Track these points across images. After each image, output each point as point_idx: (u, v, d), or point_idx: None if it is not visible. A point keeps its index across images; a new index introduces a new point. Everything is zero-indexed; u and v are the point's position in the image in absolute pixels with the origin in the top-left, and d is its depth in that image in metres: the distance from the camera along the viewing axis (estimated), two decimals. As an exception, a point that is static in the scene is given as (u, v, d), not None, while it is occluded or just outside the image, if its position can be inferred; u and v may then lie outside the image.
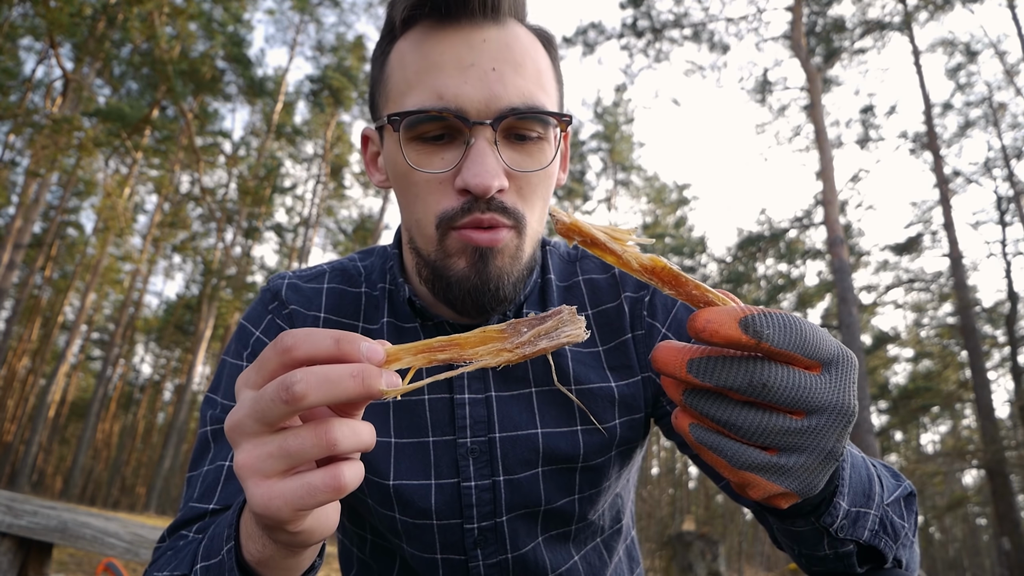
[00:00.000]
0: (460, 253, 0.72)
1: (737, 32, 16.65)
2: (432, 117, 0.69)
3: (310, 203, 28.21)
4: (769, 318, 0.41)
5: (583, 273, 0.92)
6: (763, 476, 0.44)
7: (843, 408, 0.44)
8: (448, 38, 0.70)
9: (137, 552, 2.46)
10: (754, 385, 0.41)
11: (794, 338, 0.41)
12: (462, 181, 0.69)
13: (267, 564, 0.53)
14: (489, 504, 0.82)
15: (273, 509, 0.43)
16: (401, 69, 0.73)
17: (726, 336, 0.41)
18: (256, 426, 0.43)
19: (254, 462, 0.43)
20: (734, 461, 0.43)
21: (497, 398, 0.83)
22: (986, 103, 18.01)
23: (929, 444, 39.70)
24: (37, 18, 13.64)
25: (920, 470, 16.42)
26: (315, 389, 0.41)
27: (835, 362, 0.44)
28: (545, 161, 0.74)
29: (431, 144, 0.71)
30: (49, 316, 30.49)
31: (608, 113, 28.39)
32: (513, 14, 0.74)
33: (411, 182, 0.73)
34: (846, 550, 0.63)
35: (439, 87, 0.69)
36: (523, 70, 0.71)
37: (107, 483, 35.80)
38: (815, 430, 0.43)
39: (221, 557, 0.56)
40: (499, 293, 0.74)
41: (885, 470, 0.72)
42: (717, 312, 0.42)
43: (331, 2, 26.58)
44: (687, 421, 0.45)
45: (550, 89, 0.76)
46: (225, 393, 0.84)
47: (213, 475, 0.76)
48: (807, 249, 18.94)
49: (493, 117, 0.69)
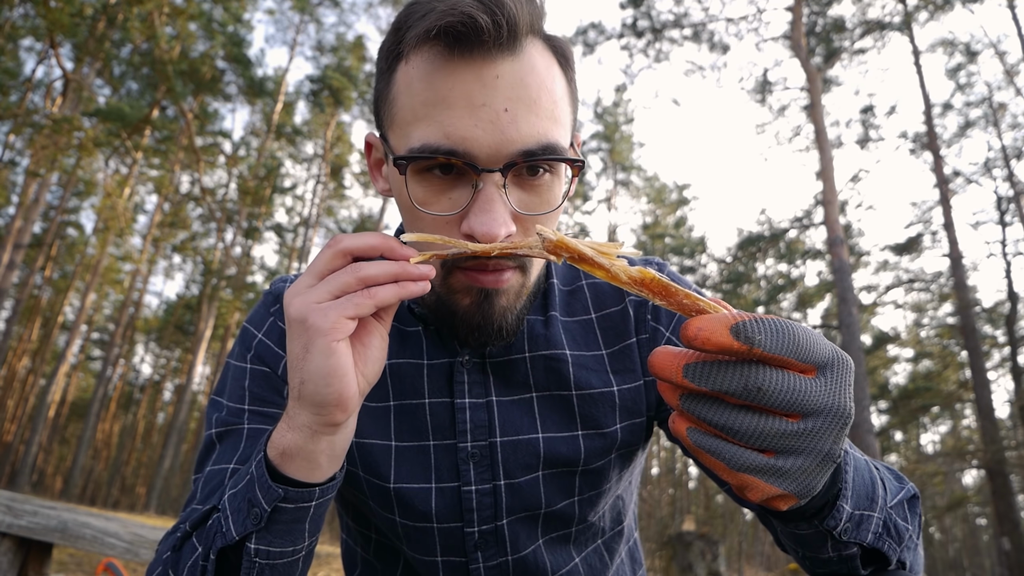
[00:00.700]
0: (465, 292, 0.72)
1: (737, 32, 16.65)
2: (439, 163, 0.66)
3: (310, 203, 28.22)
4: (760, 324, 0.42)
5: (587, 278, 0.92)
6: (761, 478, 0.44)
7: (839, 410, 0.44)
8: (459, 71, 0.65)
9: (137, 552, 2.46)
10: (749, 389, 0.42)
11: (787, 343, 0.42)
12: (468, 227, 0.66)
13: (291, 453, 0.60)
14: (490, 508, 0.82)
15: (321, 314, 0.56)
16: (408, 96, 0.68)
17: (717, 343, 0.41)
18: (309, 279, 0.58)
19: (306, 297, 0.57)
20: (732, 464, 0.44)
21: (498, 403, 0.83)
22: (986, 103, 18.01)
23: (929, 444, 39.71)
24: (37, 18, 13.64)
25: (920, 470, 16.42)
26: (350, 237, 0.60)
27: (830, 365, 0.44)
28: (555, 201, 0.71)
29: (439, 178, 0.68)
30: (49, 316, 30.49)
31: (608, 113, 28.39)
32: (530, 31, 0.68)
33: (416, 217, 0.70)
34: (850, 553, 0.63)
35: (447, 126, 0.65)
36: (538, 107, 0.67)
37: (107, 483, 35.81)
38: (811, 432, 0.43)
39: (250, 474, 0.63)
40: (502, 332, 0.74)
41: (888, 472, 0.72)
42: (708, 320, 0.42)
43: (331, 2, 26.58)
44: (684, 425, 0.46)
45: (565, 119, 0.71)
46: (230, 396, 0.84)
47: (217, 476, 0.77)
48: (807, 249, 18.94)
49: (503, 163, 0.65)
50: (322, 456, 0.61)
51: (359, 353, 0.60)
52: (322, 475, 0.62)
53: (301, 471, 0.61)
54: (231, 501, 0.64)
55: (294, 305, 0.57)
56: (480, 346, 0.78)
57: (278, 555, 0.63)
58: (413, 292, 0.58)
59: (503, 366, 0.83)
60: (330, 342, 0.55)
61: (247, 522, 0.62)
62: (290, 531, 0.63)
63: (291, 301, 0.58)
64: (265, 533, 0.62)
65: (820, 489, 0.50)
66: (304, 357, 0.57)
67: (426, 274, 0.59)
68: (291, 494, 0.60)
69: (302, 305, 0.57)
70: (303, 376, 0.57)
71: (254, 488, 0.62)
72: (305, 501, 0.62)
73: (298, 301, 0.57)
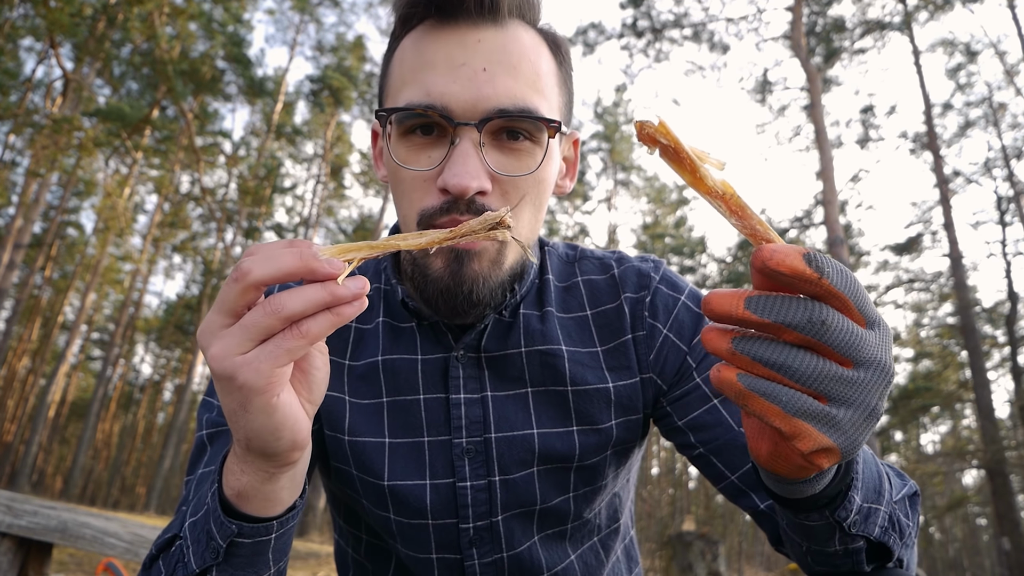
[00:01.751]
0: (438, 253, 0.72)
1: (737, 32, 16.68)
2: (417, 114, 0.70)
3: (310, 203, 28.23)
4: (830, 260, 0.42)
5: (582, 274, 0.91)
6: (815, 426, 0.42)
7: (887, 366, 0.44)
8: (444, 37, 0.71)
9: (137, 552, 2.46)
10: (814, 322, 0.41)
11: (852, 285, 0.42)
12: (443, 181, 0.69)
13: (247, 495, 0.56)
14: (485, 504, 0.82)
15: (252, 372, 0.47)
16: (400, 66, 0.74)
17: (791, 267, 0.40)
18: (220, 318, 0.48)
19: (225, 348, 0.48)
20: (789, 407, 0.42)
21: (493, 398, 0.82)
22: (986, 103, 18.02)
23: (929, 444, 39.72)
24: (37, 18, 13.64)
25: (920, 470, 16.43)
26: (259, 265, 0.47)
27: (879, 323, 0.44)
28: (533, 165, 0.72)
29: (420, 140, 0.72)
30: (49, 316, 30.49)
31: (608, 113, 28.39)
32: (518, 15, 0.73)
33: (399, 179, 0.74)
34: (856, 546, 0.63)
35: (428, 84, 0.69)
36: (517, 72, 0.70)
37: (107, 483, 35.81)
38: (863, 383, 0.43)
39: (206, 506, 0.59)
40: (472, 297, 0.73)
41: (890, 469, 0.72)
42: (782, 246, 0.41)
43: (331, 2, 26.58)
44: (733, 372, 0.43)
45: (549, 93, 0.74)
46: None
47: (208, 479, 0.76)
48: (807, 249, 18.91)
49: (479, 118, 0.69)
50: (281, 492, 0.57)
51: (301, 384, 0.53)
52: (281, 508, 0.59)
53: (259, 509, 0.57)
54: (191, 530, 0.61)
55: (215, 357, 0.48)
56: (453, 315, 0.76)
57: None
58: (350, 315, 0.49)
59: (498, 361, 0.83)
60: (270, 399, 0.49)
61: (206, 555, 0.59)
62: (252, 562, 0.60)
63: (209, 349, 0.48)
64: (226, 566, 0.59)
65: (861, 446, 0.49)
66: (243, 415, 0.50)
67: (359, 291, 0.49)
68: (247, 530, 0.57)
69: (224, 358, 0.47)
70: (247, 433, 0.51)
71: (210, 521, 0.58)
72: (263, 535, 0.58)
73: (218, 351, 0.48)
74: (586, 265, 0.92)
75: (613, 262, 0.92)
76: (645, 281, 0.88)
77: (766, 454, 0.48)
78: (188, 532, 0.62)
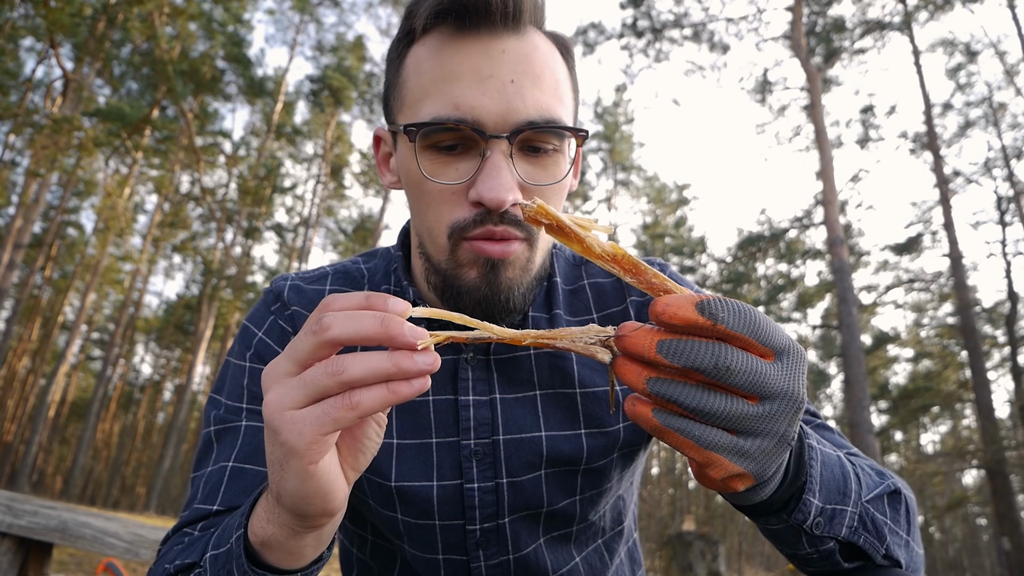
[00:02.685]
0: (471, 264, 0.73)
1: (737, 32, 16.67)
2: (448, 128, 0.69)
3: (310, 203, 28.23)
4: (724, 303, 0.44)
5: (588, 277, 0.92)
6: (725, 456, 0.46)
7: (794, 396, 0.46)
8: (467, 47, 0.69)
9: (137, 552, 2.46)
10: (719, 367, 0.43)
11: (748, 323, 0.44)
12: (476, 194, 0.68)
13: (271, 545, 0.55)
14: (492, 506, 0.82)
15: (296, 433, 0.46)
16: (417, 75, 0.72)
17: (684, 318, 0.43)
18: (287, 364, 0.48)
19: (279, 398, 0.47)
20: (702, 442, 0.45)
21: (501, 400, 0.82)
22: (986, 103, 18.02)
23: (929, 444, 39.72)
24: (37, 18, 13.64)
25: (920, 470, 16.44)
26: (339, 323, 0.46)
27: (786, 352, 0.46)
28: (559, 174, 0.74)
29: (445, 154, 0.71)
30: (49, 316, 30.50)
31: (608, 113, 28.39)
32: (533, 22, 0.73)
33: (424, 191, 0.73)
34: (827, 548, 0.63)
35: (456, 97, 0.68)
36: (542, 82, 0.70)
37: (107, 483, 35.81)
38: (769, 415, 0.45)
39: (230, 545, 0.58)
40: (509, 304, 0.74)
41: (869, 468, 0.71)
42: (675, 297, 0.44)
43: (331, 2, 26.58)
44: (648, 407, 0.46)
45: (567, 100, 0.75)
46: (229, 394, 0.84)
47: (217, 475, 0.77)
48: (807, 249, 18.94)
49: (510, 130, 0.68)
50: (307, 549, 0.56)
51: (348, 450, 0.52)
52: (305, 562, 0.58)
53: (283, 561, 0.57)
54: (212, 564, 0.60)
55: (268, 404, 0.47)
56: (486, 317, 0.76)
57: None
58: (406, 396, 0.46)
59: (507, 363, 0.83)
60: (306, 465, 0.47)
61: None
62: None
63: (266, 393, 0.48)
64: None
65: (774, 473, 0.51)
66: (279, 471, 0.49)
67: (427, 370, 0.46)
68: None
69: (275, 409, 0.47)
70: (280, 490, 0.50)
71: (231, 563, 0.57)
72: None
73: (272, 399, 0.47)
74: (592, 268, 0.93)
75: None
76: None
77: (695, 474, 0.51)
78: (208, 565, 0.60)
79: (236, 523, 0.59)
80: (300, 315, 0.87)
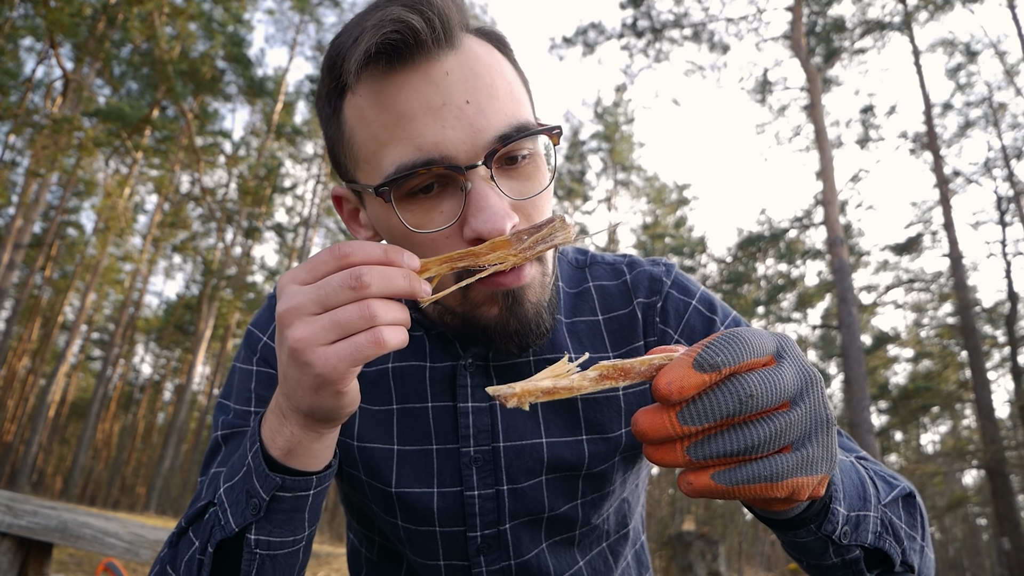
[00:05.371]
0: (490, 302, 0.70)
1: (737, 32, 16.66)
2: (419, 175, 0.63)
3: (310, 203, 28.22)
4: (714, 346, 0.43)
5: (593, 279, 0.91)
6: (801, 474, 0.44)
7: (812, 378, 0.46)
8: (408, 81, 0.63)
9: (137, 552, 2.46)
10: (743, 401, 0.42)
11: (742, 349, 0.43)
12: (472, 231, 0.64)
13: (295, 452, 0.61)
14: (492, 512, 0.81)
15: (331, 367, 0.53)
16: (365, 127, 0.66)
17: (693, 384, 0.42)
18: (314, 307, 0.53)
19: (312, 335, 0.53)
20: (776, 477, 0.43)
21: (501, 407, 0.81)
22: (986, 103, 18.01)
23: (929, 444, 39.70)
24: (37, 18, 13.64)
25: (920, 470, 16.43)
26: (378, 281, 0.53)
27: (780, 345, 0.47)
28: (544, 179, 0.70)
29: (423, 198, 0.65)
30: (49, 316, 30.48)
31: (608, 113, 28.38)
32: (462, 27, 0.67)
33: (414, 243, 0.67)
34: (852, 556, 0.62)
35: (416, 138, 0.62)
36: (496, 92, 0.65)
37: (107, 483, 35.80)
38: (806, 411, 0.45)
39: (246, 465, 0.63)
40: (540, 328, 0.73)
41: (879, 472, 0.71)
42: (670, 370, 0.43)
43: (331, 2, 26.58)
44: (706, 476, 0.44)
45: (523, 99, 0.71)
46: (237, 399, 0.83)
47: (237, 453, 0.77)
48: (807, 249, 18.94)
49: (483, 155, 0.63)
50: (326, 450, 0.63)
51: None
52: (322, 464, 0.64)
53: (301, 463, 0.62)
54: (228, 494, 0.64)
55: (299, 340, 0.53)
56: (522, 349, 0.75)
57: (279, 545, 0.64)
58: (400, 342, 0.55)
59: (507, 370, 0.82)
60: (341, 388, 0.55)
61: (246, 513, 0.62)
62: (289, 520, 0.63)
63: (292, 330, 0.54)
64: (265, 523, 0.62)
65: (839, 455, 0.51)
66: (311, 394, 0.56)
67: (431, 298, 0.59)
68: (289, 483, 0.61)
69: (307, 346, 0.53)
70: (311, 406, 0.57)
71: (252, 479, 0.62)
72: (303, 490, 0.63)
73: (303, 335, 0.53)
74: (597, 270, 0.91)
75: (624, 267, 0.91)
76: (657, 286, 0.88)
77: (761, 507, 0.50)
78: (224, 496, 0.65)
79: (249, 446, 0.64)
80: None
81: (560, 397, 0.48)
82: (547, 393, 0.48)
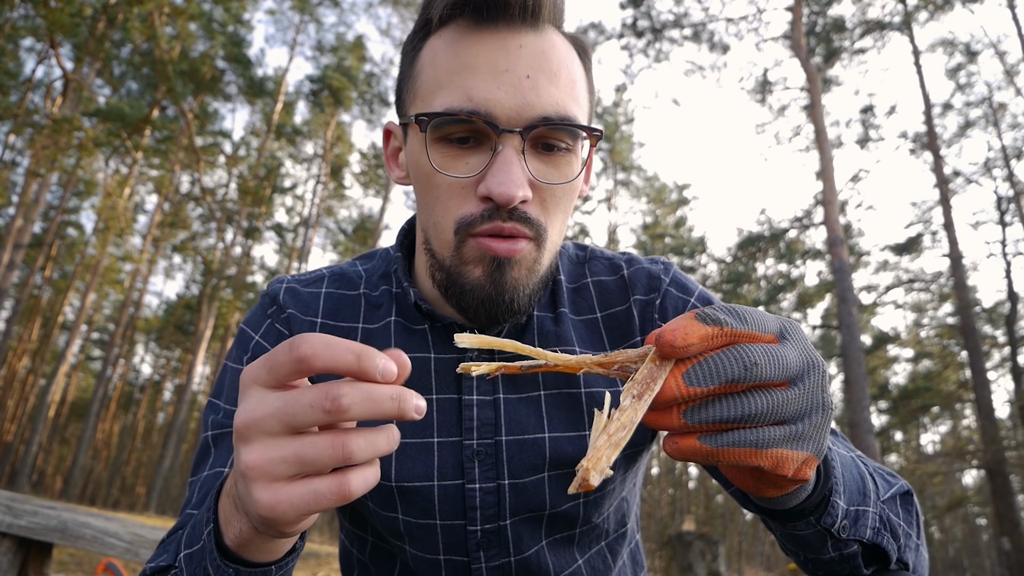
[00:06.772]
0: (477, 261, 0.71)
1: (737, 32, 16.68)
2: (460, 120, 0.67)
3: (310, 203, 28.24)
4: (716, 309, 0.44)
5: (592, 275, 0.91)
6: (788, 447, 0.45)
7: (815, 363, 0.46)
8: (484, 40, 0.69)
9: (137, 552, 2.47)
10: (748, 367, 0.42)
11: (743, 314, 0.44)
12: (485, 188, 0.67)
13: (247, 547, 0.54)
14: (493, 507, 0.81)
15: (278, 513, 0.43)
16: (432, 67, 0.71)
17: (698, 334, 0.42)
18: (279, 427, 0.43)
19: (266, 464, 0.43)
20: (762, 444, 0.43)
21: (505, 400, 0.82)
22: (986, 103, 18.02)
23: (929, 444, 39.71)
24: (37, 18, 13.64)
25: (920, 470, 16.42)
26: (358, 405, 0.42)
27: (786, 329, 0.47)
28: (571, 174, 0.73)
29: (457, 147, 0.69)
30: (49, 316, 30.50)
31: (608, 113, 28.39)
32: (552, 21, 0.72)
33: (433, 184, 0.71)
34: (850, 551, 0.63)
35: (470, 89, 0.67)
36: (557, 80, 0.69)
37: (107, 483, 35.82)
38: (804, 391, 0.45)
39: (203, 542, 0.57)
40: (513, 304, 0.73)
41: (879, 470, 0.72)
42: (676, 322, 0.43)
43: (331, 2, 26.59)
44: (692, 439, 0.44)
45: (583, 101, 0.74)
46: (227, 398, 0.83)
47: (211, 481, 0.76)
48: (807, 249, 18.94)
49: (523, 125, 0.67)
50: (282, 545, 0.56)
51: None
52: (280, 554, 0.57)
53: (257, 556, 0.55)
54: (187, 564, 0.59)
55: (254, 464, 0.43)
56: (491, 323, 0.76)
57: None
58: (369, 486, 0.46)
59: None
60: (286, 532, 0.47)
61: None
62: None
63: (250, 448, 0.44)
64: None
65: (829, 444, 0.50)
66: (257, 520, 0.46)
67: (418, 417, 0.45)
68: (244, 573, 0.55)
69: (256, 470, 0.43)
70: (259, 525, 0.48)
71: (205, 561, 0.56)
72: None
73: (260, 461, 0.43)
74: (596, 266, 0.92)
75: (623, 263, 0.92)
76: (655, 283, 0.88)
77: (752, 486, 0.50)
78: (184, 565, 0.59)
79: (204, 519, 0.58)
80: (296, 318, 0.86)
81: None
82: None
